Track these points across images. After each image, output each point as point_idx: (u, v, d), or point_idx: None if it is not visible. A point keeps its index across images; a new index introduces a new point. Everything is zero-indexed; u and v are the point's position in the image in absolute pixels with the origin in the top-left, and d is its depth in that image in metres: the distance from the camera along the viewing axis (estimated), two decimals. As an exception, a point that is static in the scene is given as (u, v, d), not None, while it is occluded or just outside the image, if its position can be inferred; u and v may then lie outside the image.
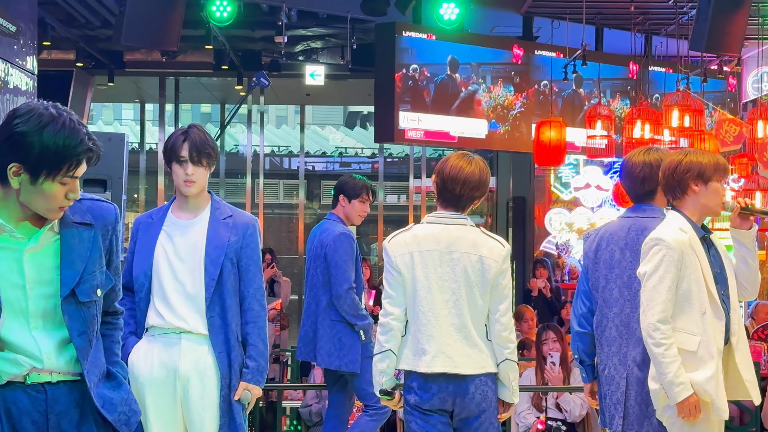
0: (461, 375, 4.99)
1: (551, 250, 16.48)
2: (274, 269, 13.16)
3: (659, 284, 4.82)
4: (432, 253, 5.04)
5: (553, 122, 11.97)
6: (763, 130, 11.72)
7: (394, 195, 22.73)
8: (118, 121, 28.24)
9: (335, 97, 21.17)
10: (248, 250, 5.05)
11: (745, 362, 4.90)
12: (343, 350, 7.08)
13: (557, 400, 8.49)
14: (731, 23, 10.00)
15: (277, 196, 23.23)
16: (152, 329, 5.04)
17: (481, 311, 5.04)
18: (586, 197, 16.30)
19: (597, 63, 13.17)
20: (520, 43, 13.40)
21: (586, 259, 5.52)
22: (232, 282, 5.01)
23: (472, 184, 5.06)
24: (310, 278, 7.33)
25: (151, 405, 4.95)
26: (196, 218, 5.08)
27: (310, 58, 15.50)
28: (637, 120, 11.95)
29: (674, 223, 4.92)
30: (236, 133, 23.74)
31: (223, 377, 4.99)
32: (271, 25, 13.41)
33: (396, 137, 12.43)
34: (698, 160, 4.92)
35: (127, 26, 9.38)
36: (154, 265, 5.02)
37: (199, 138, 5.00)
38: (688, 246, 4.83)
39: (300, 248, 18.22)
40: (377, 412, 7.21)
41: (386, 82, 12.28)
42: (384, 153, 20.59)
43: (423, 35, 12.45)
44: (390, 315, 5.07)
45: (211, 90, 19.67)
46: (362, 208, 7.35)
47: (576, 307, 5.60)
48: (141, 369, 4.97)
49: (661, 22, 13.75)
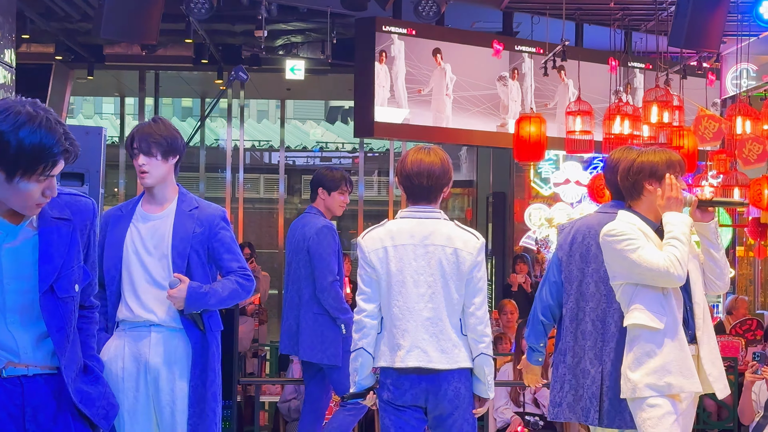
0: (435, 370, 4.99)
1: (531, 246, 16.52)
2: (253, 264, 13.15)
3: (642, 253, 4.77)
4: (406, 246, 5.04)
5: (533, 117, 11.98)
6: (742, 126, 11.75)
7: (374, 190, 22.73)
8: (99, 115, 28.14)
9: (316, 92, 21.15)
10: (217, 239, 5.05)
11: (709, 357, 4.88)
12: (325, 343, 7.09)
13: (535, 395, 8.51)
14: (710, 19, 10.04)
15: (258, 191, 23.19)
16: (122, 323, 5.04)
17: (457, 306, 5.05)
18: (566, 193, 16.35)
19: (576, 59, 13.18)
20: (500, 38, 13.40)
21: (560, 250, 5.51)
22: (201, 274, 5.00)
23: (436, 174, 5.07)
24: (292, 272, 7.33)
25: (124, 399, 4.94)
26: (163, 211, 5.08)
27: (290, 52, 15.48)
28: (617, 116, 11.97)
29: (622, 219, 4.94)
30: (217, 127, 23.71)
31: (194, 369, 4.98)
32: (252, 19, 13.38)
33: (375, 132, 12.42)
34: (650, 160, 4.92)
35: (106, 20, 9.35)
36: (123, 259, 5.02)
37: (150, 129, 5.01)
38: (637, 228, 4.84)
39: (280, 243, 18.20)
40: (355, 407, 7.22)
41: (366, 77, 12.28)
42: (365, 148, 20.58)
43: (403, 30, 12.45)
44: (363, 312, 5.07)
45: (192, 84, 19.63)
46: (342, 199, 7.37)
47: (542, 297, 5.61)
48: (112, 364, 4.95)
49: (641, 18, 13.78)
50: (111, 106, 27.71)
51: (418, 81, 12.61)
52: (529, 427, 8.48)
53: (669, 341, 4.78)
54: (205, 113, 15.48)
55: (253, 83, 18.08)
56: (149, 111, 19.06)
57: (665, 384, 4.79)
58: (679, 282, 4.79)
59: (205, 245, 5.03)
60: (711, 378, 4.87)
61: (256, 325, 12.15)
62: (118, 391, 4.91)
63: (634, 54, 14.48)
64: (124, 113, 20.08)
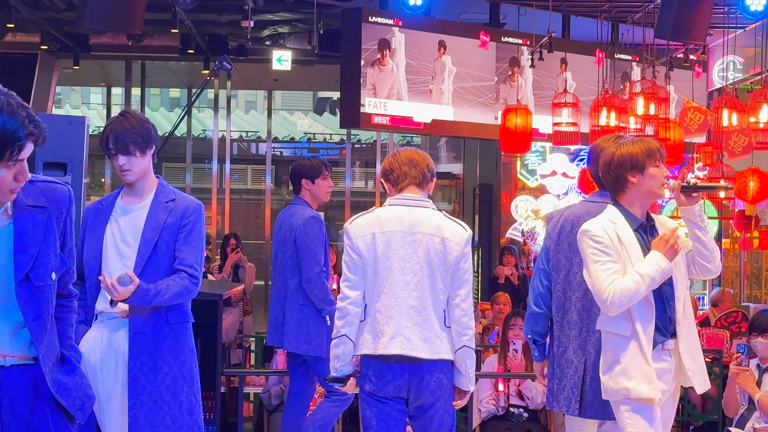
0: (417, 359, 4.98)
1: (517, 237, 16.52)
2: (239, 254, 13.11)
3: (599, 267, 4.78)
4: (394, 233, 5.04)
5: (519, 109, 11.97)
6: (728, 118, 11.76)
7: (361, 181, 22.72)
8: (86, 105, 28.06)
9: (303, 83, 21.11)
10: (184, 230, 5.01)
11: (689, 352, 4.88)
12: (311, 335, 7.07)
13: (519, 387, 8.50)
14: (697, 11, 10.03)
15: (245, 182, 23.16)
16: (101, 315, 5.02)
17: (442, 296, 5.04)
18: (552, 184, 16.35)
19: (563, 50, 13.18)
20: (487, 29, 13.39)
21: (548, 239, 5.53)
22: (167, 264, 4.97)
23: (421, 163, 5.18)
24: (279, 263, 7.31)
25: (103, 391, 4.92)
26: (142, 203, 5.06)
27: (277, 43, 15.44)
28: (603, 108, 11.97)
29: (604, 215, 4.92)
30: (204, 118, 23.65)
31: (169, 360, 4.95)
32: (238, 9, 13.35)
33: (362, 123, 12.41)
34: (629, 151, 4.89)
35: (91, 9, 9.31)
36: (103, 251, 5.00)
37: (123, 127, 4.96)
38: (614, 234, 4.81)
39: (267, 234, 18.17)
40: (339, 399, 7.20)
41: (352, 68, 12.26)
42: (352, 139, 20.55)
43: (389, 21, 12.43)
44: (347, 299, 5.06)
45: (178, 74, 19.57)
46: (327, 184, 7.35)
47: (534, 286, 5.62)
48: (90, 356, 4.92)
49: (628, 10, 13.79)
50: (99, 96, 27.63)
51: (418, 72, 12.65)
52: (513, 419, 8.47)
53: (632, 346, 4.79)
54: (190, 104, 15.39)
55: (239, 74, 18.02)
56: (136, 101, 19.00)
57: (623, 388, 4.81)
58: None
59: (175, 236, 4.99)
60: (690, 373, 4.87)
61: (241, 316, 12.11)
62: (97, 382, 4.88)
63: (621, 46, 14.48)
64: (111, 103, 20.01)
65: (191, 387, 5.03)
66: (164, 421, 4.94)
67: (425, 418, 5.09)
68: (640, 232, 4.90)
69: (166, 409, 4.95)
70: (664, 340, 4.85)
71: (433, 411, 5.06)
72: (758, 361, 7.39)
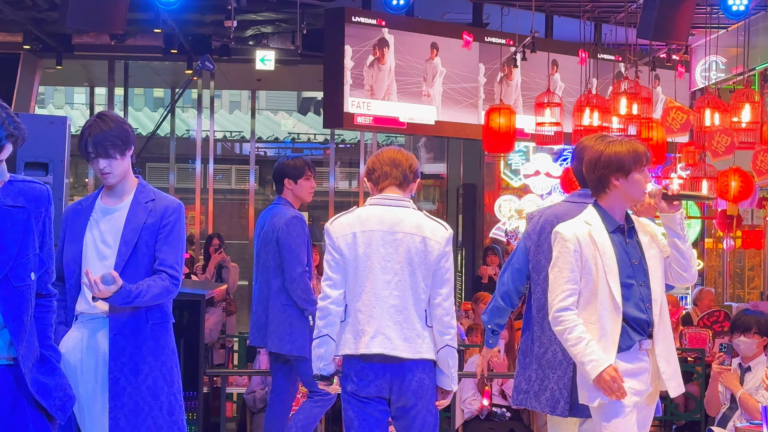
0: (399, 358, 4.98)
1: (501, 237, 16.53)
2: (222, 255, 13.10)
3: (558, 276, 4.84)
4: (375, 232, 5.04)
5: (503, 109, 11.98)
6: (711, 118, 11.79)
7: (345, 181, 22.71)
8: (69, 105, 27.99)
9: (287, 83, 21.09)
10: (164, 230, 5.00)
11: (664, 355, 4.88)
12: (294, 335, 7.05)
13: (502, 386, 8.51)
14: (679, 12, 10.06)
15: (230, 182, 23.12)
16: (81, 316, 4.99)
17: (423, 296, 5.05)
18: (536, 184, 16.37)
19: (546, 50, 13.20)
20: (470, 29, 13.40)
21: (528, 239, 5.52)
22: (147, 264, 4.96)
23: (403, 164, 5.17)
24: (261, 263, 7.28)
25: (83, 392, 4.90)
26: (122, 203, 5.04)
27: (260, 42, 15.44)
28: (586, 107, 11.99)
29: (581, 217, 4.93)
30: (188, 118, 23.62)
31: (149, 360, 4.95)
32: (221, 9, 13.34)
33: (345, 123, 12.42)
34: (616, 152, 4.86)
35: (73, 9, 9.29)
36: (83, 251, 4.98)
37: (102, 130, 4.91)
38: (587, 237, 4.82)
39: (251, 234, 18.14)
40: (322, 399, 7.18)
41: (335, 68, 12.26)
42: (337, 139, 20.53)
43: (372, 21, 12.44)
44: (329, 298, 5.06)
45: (162, 74, 19.53)
46: (310, 184, 7.33)
47: (504, 281, 5.63)
48: (71, 356, 4.90)
49: (611, 10, 13.81)
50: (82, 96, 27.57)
51: (407, 74, 12.69)
52: (496, 418, 8.48)
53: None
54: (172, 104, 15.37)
55: (223, 74, 17.99)
56: (119, 101, 18.95)
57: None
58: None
59: (155, 236, 4.98)
60: (665, 376, 4.88)
61: (223, 316, 12.11)
62: (77, 383, 4.86)
63: (604, 46, 14.51)
64: (94, 103, 19.96)
65: (172, 388, 5.02)
66: (145, 422, 4.92)
67: (407, 418, 5.09)
68: (617, 234, 4.89)
69: (147, 410, 4.93)
70: (642, 339, 4.83)
71: (416, 411, 5.06)
72: (740, 360, 7.42)
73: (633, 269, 4.86)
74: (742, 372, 7.36)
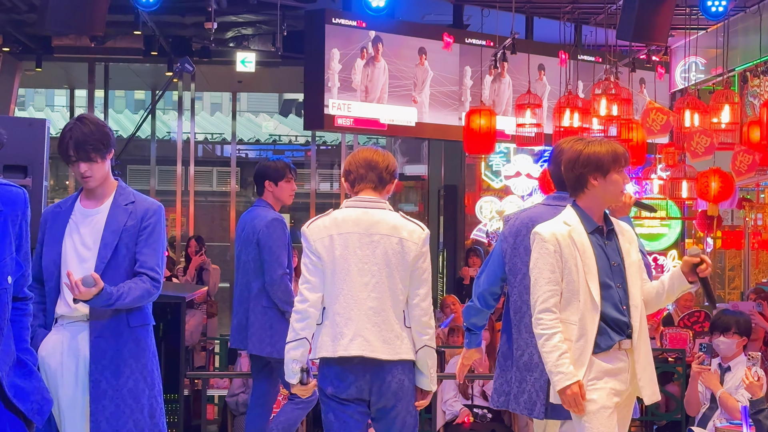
0: (378, 360, 4.98)
1: (482, 239, 16.54)
2: (203, 257, 13.08)
3: (539, 277, 4.84)
4: (352, 235, 5.04)
5: (483, 110, 11.99)
6: (691, 119, 11.83)
7: (327, 183, 22.71)
8: (50, 107, 27.92)
9: (267, 85, 21.08)
10: (144, 232, 4.99)
11: (642, 362, 4.88)
12: (274, 337, 7.04)
13: (483, 388, 8.52)
14: (658, 13, 10.09)
15: (211, 184, 23.09)
16: (61, 318, 4.98)
17: (401, 296, 5.05)
18: (517, 185, 16.39)
19: (527, 52, 13.22)
20: (451, 31, 13.42)
21: (504, 242, 5.51)
22: (127, 266, 4.95)
23: (379, 165, 5.17)
24: (242, 265, 7.28)
25: (63, 395, 4.88)
26: (101, 206, 5.03)
27: (241, 44, 15.43)
28: (566, 109, 12.02)
29: (560, 216, 4.94)
30: (169, 120, 23.58)
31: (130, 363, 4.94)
32: (202, 11, 13.32)
33: (325, 124, 12.42)
34: (595, 152, 4.87)
35: (52, 11, 9.26)
36: (62, 254, 4.97)
37: (83, 133, 4.90)
38: (567, 237, 4.82)
39: (233, 236, 18.11)
40: (303, 401, 7.18)
41: (316, 69, 12.26)
42: (318, 141, 20.52)
43: (353, 22, 12.44)
44: (307, 302, 5.05)
45: (142, 76, 19.50)
46: (290, 187, 7.33)
47: (478, 283, 5.64)
48: (51, 359, 4.90)
49: (591, 12, 13.84)
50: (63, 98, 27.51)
51: (395, 77, 12.72)
52: (477, 419, 8.49)
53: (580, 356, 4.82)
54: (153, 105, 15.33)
55: (203, 76, 17.97)
56: (100, 103, 18.90)
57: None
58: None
59: (135, 238, 4.97)
60: (641, 383, 4.89)
61: (204, 319, 12.09)
62: (57, 386, 4.85)
63: (584, 47, 14.54)
64: (74, 105, 19.91)
65: (153, 390, 5.01)
66: (126, 425, 4.92)
67: (387, 419, 5.09)
68: (596, 236, 4.89)
69: (128, 413, 4.92)
70: (621, 339, 4.83)
71: (395, 412, 5.06)
72: (720, 360, 7.44)
73: (611, 271, 4.87)
74: (722, 372, 7.38)
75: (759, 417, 6.53)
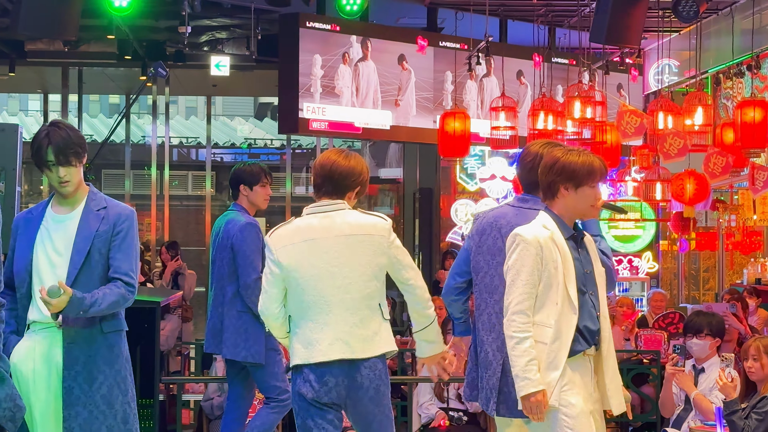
0: (356, 360, 4.99)
1: (457, 241, 16.56)
2: (179, 262, 13.05)
3: (516, 278, 4.82)
4: (316, 240, 5.04)
5: (457, 113, 12.01)
6: (664, 121, 11.86)
7: (302, 186, 22.68)
8: (24, 112, 27.79)
9: (242, 89, 21.06)
10: (117, 237, 4.98)
11: (609, 372, 4.92)
12: (249, 341, 7.03)
13: (459, 390, 8.52)
14: (631, 15, 10.11)
15: (186, 188, 23.04)
16: (33, 325, 4.96)
17: (375, 293, 5.06)
18: (492, 188, 16.43)
19: (501, 55, 13.25)
20: (425, 34, 13.43)
21: (470, 240, 5.54)
22: (100, 272, 4.94)
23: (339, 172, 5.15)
24: (216, 269, 7.27)
25: (36, 402, 4.87)
26: (73, 212, 5.02)
27: (215, 48, 15.40)
28: (540, 111, 12.04)
29: (538, 220, 4.92)
30: (144, 124, 23.51)
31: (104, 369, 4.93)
32: (175, 14, 13.28)
33: (300, 128, 12.41)
34: (571, 162, 4.86)
35: (25, 15, 9.22)
36: (33, 260, 4.95)
37: (62, 138, 4.90)
38: (549, 240, 4.83)
39: (208, 240, 18.06)
40: (279, 405, 7.18)
41: (290, 73, 12.26)
42: (293, 145, 20.50)
43: (327, 26, 12.45)
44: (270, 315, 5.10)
45: (116, 80, 19.45)
46: (265, 192, 7.32)
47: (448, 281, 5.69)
48: (23, 366, 4.88)
49: (564, 14, 13.88)
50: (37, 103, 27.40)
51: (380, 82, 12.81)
52: (453, 422, 8.49)
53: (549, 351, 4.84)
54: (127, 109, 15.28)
55: (178, 79, 17.92)
56: (74, 108, 18.83)
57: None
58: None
59: (108, 244, 4.96)
60: (609, 393, 4.93)
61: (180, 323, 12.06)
62: (29, 392, 4.84)
63: (558, 50, 14.57)
64: (48, 110, 19.83)
65: (126, 396, 5.00)
66: (100, 430, 4.91)
67: (365, 423, 5.10)
68: (571, 242, 4.91)
69: (101, 419, 4.91)
70: (590, 347, 4.88)
71: (372, 416, 5.07)
72: (693, 361, 7.47)
73: (585, 278, 4.90)
74: (696, 373, 7.42)
75: (733, 418, 6.55)
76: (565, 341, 4.77)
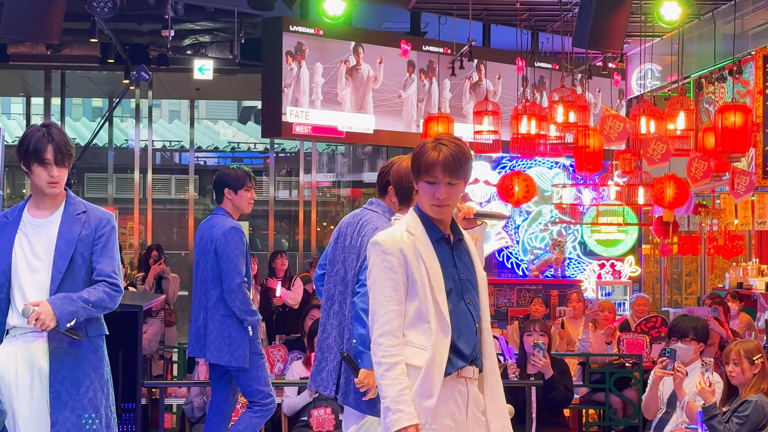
0: None
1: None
2: (162, 266, 13.03)
3: (378, 294, 4.15)
4: None
5: (440, 117, 12.03)
6: (647, 126, 11.90)
7: (286, 190, 22.67)
8: (6, 115, 27.70)
9: (225, 93, 21.02)
10: (99, 242, 4.99)
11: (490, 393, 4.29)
12: (233, 345, 7.03)
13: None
14: (613, 20, 10.14)
15: (169, 192, 23.00)
16: (13, 330, 4.95)
17: None
18: (474, 192, 16.43)
19: (484, 59, 13.27)
20: (408, 38, 13.45)
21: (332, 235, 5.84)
22: (84, 276, 4.94)
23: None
24: (200, 273, 7.26)
25: (19, 407, 4.85)
26: (52, 216, 5.01)
27: (198, 52, 15.38)
28: (523, 116, 12.07)
29: (402, 224, 4.27)
30: (127, 127, 23.47)
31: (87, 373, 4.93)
32: (158, 18, 13.26)
33: (283, 132, 12.42)
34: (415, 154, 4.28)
35: (6, 18, 9.20)
36: (12, 265, 4.93)
37: (62, 139, 4.93)
38: (411, 248, 4.16)
39: (191, 244, 18.05)
40: (262, 409, 7.17)
41: (273, 77, 12.27)
42: (277, 148, 20.49)
43: (310, 30, 12.45)
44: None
45: (99, 84, 19.39)
46: (250, 196, 7.32)
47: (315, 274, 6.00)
48: (5, 371, 4.86)
49: (547, 19, 13.92)
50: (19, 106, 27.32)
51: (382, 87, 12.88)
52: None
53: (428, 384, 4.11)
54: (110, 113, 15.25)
55: (161, 83, 17.90)
56: (56, 111, 18.78)
57: None
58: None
59: (90, 248, 4.97)
60: (489, 417, 4.28)
61: (162, 327, 12.03)
62: (12, 398, 4.82)
63: (540, 54, 14.61)
64: (31, 113, 19.77)
65: (108, 400, 5.02)
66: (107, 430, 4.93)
67: None
68: (442, 245, 4.26)
69: (90, 424, 4.92)
70: (464, 366, 4.20)
71: None
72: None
73: (461, 285, 4.26)
74: (679, 377, 7.42)
75: (712, 422, 6.57)
76: (439, 363, 4.11)
